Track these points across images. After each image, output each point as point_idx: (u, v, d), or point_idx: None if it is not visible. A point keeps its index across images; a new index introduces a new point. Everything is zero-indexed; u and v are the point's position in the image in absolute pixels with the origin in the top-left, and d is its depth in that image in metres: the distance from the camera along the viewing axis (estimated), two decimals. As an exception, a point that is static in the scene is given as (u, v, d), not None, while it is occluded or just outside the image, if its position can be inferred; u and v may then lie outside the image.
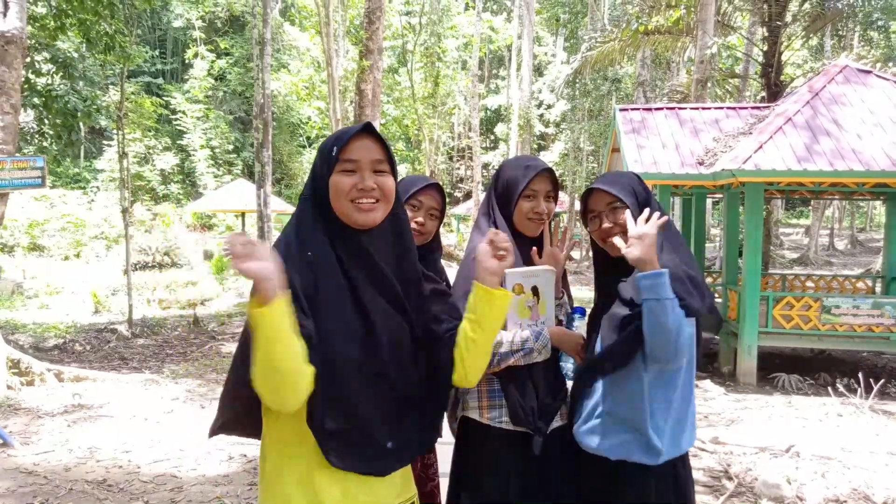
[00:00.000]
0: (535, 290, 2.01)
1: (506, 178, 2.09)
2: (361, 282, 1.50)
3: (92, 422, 5.57)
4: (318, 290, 1.45)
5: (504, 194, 2.08)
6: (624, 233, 1.90)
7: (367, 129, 1.52)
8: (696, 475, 4.73)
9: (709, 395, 7.28)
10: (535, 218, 2.05)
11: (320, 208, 1.52)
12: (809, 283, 10.74)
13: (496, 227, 2.08)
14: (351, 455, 1.47)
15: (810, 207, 27.71)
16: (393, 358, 1.52)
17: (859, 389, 6.70)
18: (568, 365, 2.05)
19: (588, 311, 2.11)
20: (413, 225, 2.14)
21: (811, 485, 4.45)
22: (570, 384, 2.13)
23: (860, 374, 7.09)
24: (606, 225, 1.94)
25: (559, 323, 2.12)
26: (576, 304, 2.22)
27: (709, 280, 10.85)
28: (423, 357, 1.60)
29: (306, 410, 1.44)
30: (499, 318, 1.57)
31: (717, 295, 9.50)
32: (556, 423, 2.05)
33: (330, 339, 1.44)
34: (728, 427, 6.01)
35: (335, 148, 1.50)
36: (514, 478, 1.99)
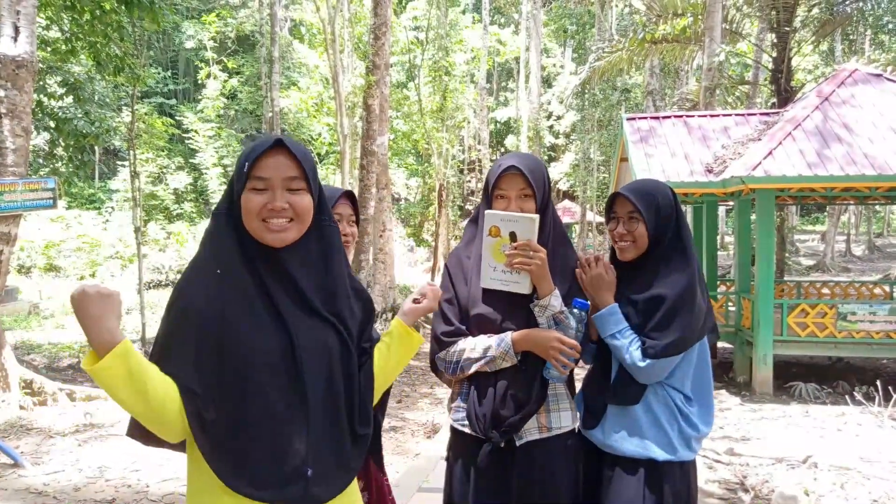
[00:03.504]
0: (513, 236, 1.92)
1: (487, 178, 2.07)
2: (280, 296, 1.42)
3: (102, 441, 5.57)
4: (226, 305, 1.37)
5: (485, 194, 2.06)
6: (634, 242, 2.00)
7: (279, 144, 1.41)
8: (712, 487, 4.65)
9: (724, 406, 7.17)
10: None
11: (235, 223, 1.43)
12: (825, 290, 10.59)
13: (476, 230, 2.06)
14: (262, 480, 1.36)
15: (826, 213, 27.42)
16: (315, 374, 1.42)
17: (878, 397, 6.57)
18: (552, 371, 1.93)
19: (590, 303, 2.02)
20: None
21: (829, 496, 4.35)
22: (559, 386, 2.01)
23: (879, 382, 6.95)
24: (620, 230, 2.02)
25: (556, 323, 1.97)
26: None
27: (722, 288, 10.71)
28: (357, 376, 1.53)
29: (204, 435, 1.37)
30: (406, 358, 1.68)
31: (731, 303, 9.38)
32: (533, 435, 1.95)
33: (241, 353, 1.36)
34: (744, 438, 5.91)
35: (246, 164, 1.41)
36: (476, 481, 1.96)
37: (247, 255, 1.43)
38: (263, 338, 1.38)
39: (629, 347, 1.91)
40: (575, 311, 1.94)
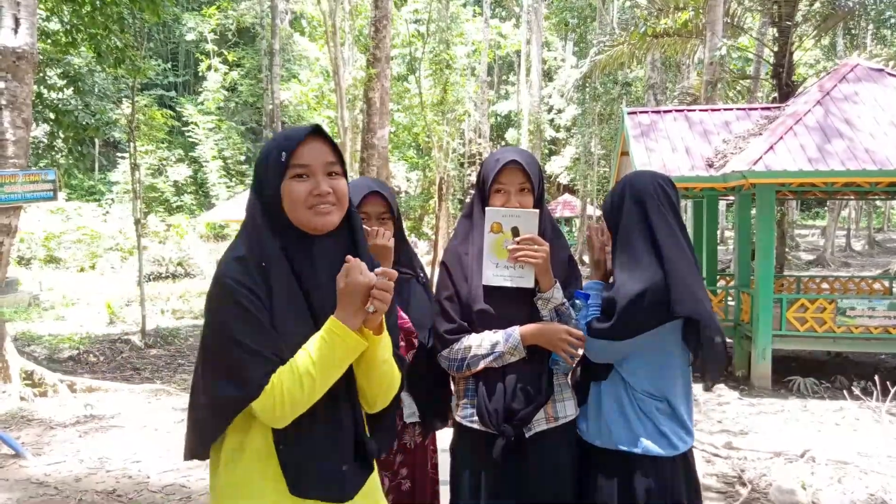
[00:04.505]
0: (515, 232, 1.93)
1: (482, 172, 2.06)
2: (314, 289, 1.45)
3: (103, 432, 5.59)
4: (273, 300, 1.39)
5: (481, 188, 2.05)
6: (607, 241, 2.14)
7: (317, 131, 1.46)
8: (710, 481, 4.67)
9: (723, 400, 7.19)
10: None
11: (270, 213, 1.45)
12: (825, 285, 10.60)
13: (471, 225, 2.05)
14: (311, 482, 1.40)
15: (826, 208, 27.40)
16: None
17: (876, 392, 6.58)
18: (560, 362, 1.96)
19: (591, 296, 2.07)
20: (368, 228, 2.08)
21: (827, 490, 4.37)
22: (561, 376, 2.04)
23: (877, 377, 6.97)
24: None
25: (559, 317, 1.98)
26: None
27: (721, 283, 10.72)
28: None
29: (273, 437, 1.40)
30: (341, 364, 1.40)
31: (730, 298, 9.39)
32: (541, 426, 1.97)
33: (287, 351, 1.38)
34: (742, 432, 5.93)
35: (284, 153, 1.42)
36: (487, 478, 1.96)
37: (282, 246, 1.44)
38: (296, 327, 1.41)
39: (581, 318, 2.00)
40: (577, 302, 1.97)
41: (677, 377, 2.01)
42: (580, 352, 2.01)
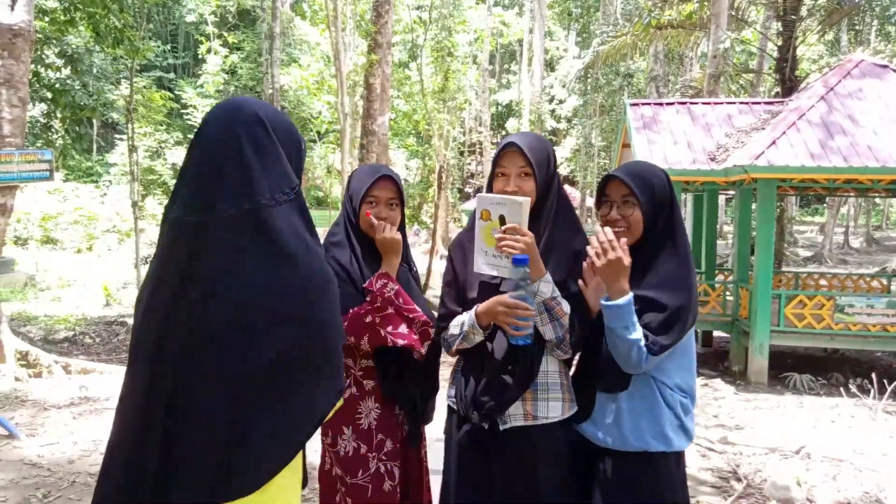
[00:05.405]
0: (502, 220, 1.85)
1: (492, 159, 2.05)
2: None
3: (97, 414, 5.57)
4: None
5: (490, 175, 2.04)
6: (629, 228, 1.93)
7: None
8: (705, 476, 4.67)
9: (719, 395, 7.19)
10: None
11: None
12: (823, 282, 10.60)
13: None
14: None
15: (825, 205, 27.39)
16: None
17: (872, 390, 6.59)
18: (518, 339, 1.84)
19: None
20: (374, 221, 2.10)
21: (821, 487, 4.37)
22: (552, 374, 1.95)
23: (874, 375, 6.97)
24: (614, 215, 1.94)
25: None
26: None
27: (720, 277, 10.71)
28: None
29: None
30: None
31: (728, 293, 9.39)
32: (518, 422, 1.90)
33: None
34: (738, 427, 5.94)
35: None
36: (461, 460, 1.98)
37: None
38: None
39: (640, 342, 1.80)
40: (513, 266, 1.80)
41: (693, 368, 2.00)
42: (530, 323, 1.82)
